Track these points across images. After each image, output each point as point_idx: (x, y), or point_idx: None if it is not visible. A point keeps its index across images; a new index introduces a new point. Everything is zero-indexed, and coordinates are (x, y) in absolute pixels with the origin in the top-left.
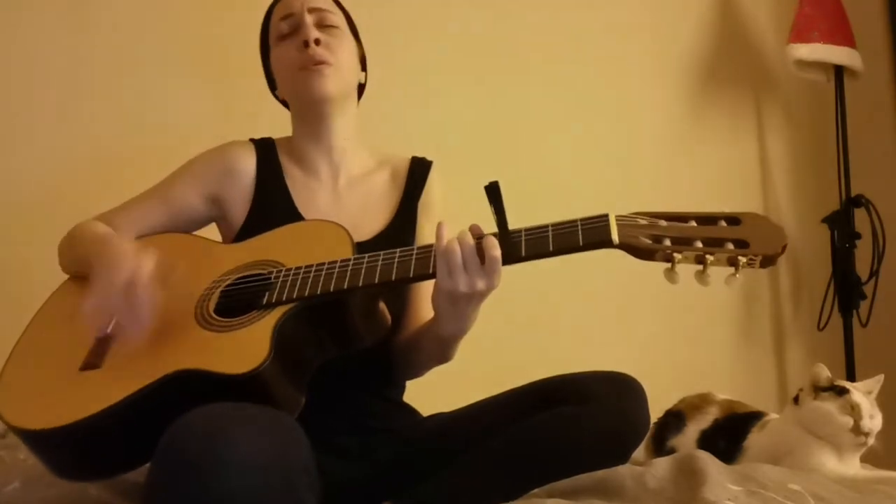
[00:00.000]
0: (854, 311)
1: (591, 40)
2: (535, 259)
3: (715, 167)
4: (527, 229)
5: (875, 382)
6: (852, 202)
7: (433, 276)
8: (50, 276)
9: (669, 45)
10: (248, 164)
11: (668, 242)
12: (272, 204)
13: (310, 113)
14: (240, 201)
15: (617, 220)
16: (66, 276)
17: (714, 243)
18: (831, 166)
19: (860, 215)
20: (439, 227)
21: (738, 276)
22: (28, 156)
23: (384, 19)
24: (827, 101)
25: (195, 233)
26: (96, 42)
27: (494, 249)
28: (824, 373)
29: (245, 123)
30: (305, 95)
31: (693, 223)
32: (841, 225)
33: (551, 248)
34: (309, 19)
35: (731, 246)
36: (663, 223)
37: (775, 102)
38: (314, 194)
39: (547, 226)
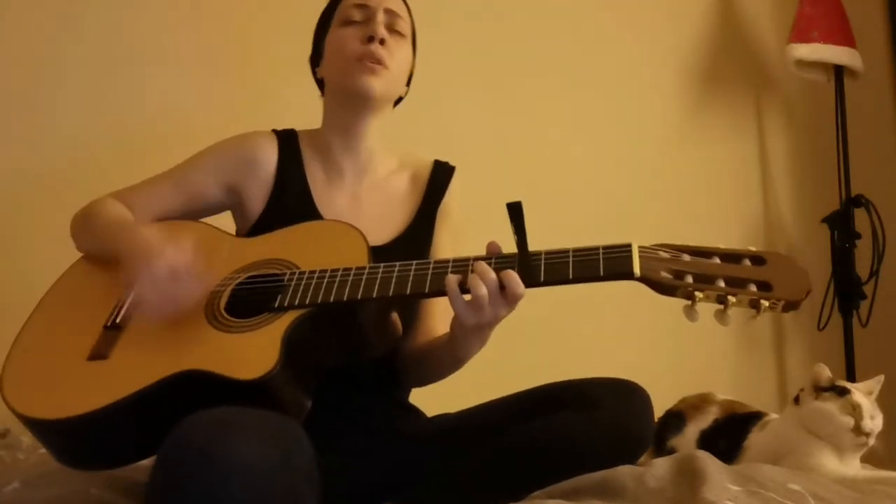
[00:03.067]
0: (854, 311)
1: (592, 40)
2: (553, 285)
3: (715, 167)
4: (547, 253)
5: (875, 383)
6: (852, 202)
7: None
8: (53, 267)
9: (670, 45)
10: (269, 155)
11: (689, 279)
12: (290, 199)
13: (347, 105)
14: (258, 193)
15: (640, 251)
16: (63, 270)
17: (737, 283)
18: (831, 166)
19: (860, 215)
20: (448, 280)
21: (758, 318)
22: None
23: None
24: (827, 101)
25: (209, 219)
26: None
27: (518, 288)
28: (825, 373)
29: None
30: (352, 87)
31: (717, 259)
32: (841, 225)
33: (571, 276)
34: (381, 18)
35: (753, 288)
36: (686, 258)
37: (775, 102)
38: (334, 193)
39: (567, 251)
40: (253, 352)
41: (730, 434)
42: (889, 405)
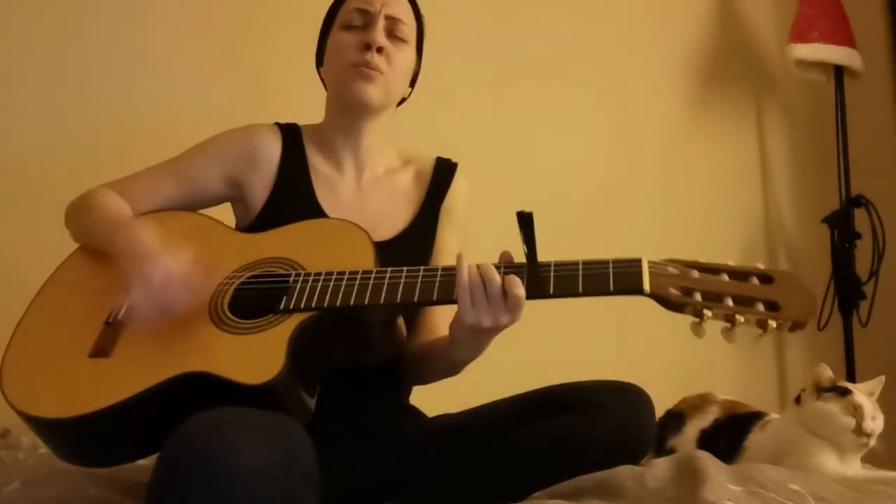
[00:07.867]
0: (854, 311)
1: (592, 40)
2: (562, 297)
3: (715, 167)
4: (557, 264)
5: (876, 383)
6: (852, 202)
7: (455, 302)
8: (48, 260)
9: (670, 45)
10: (273, 149)
11: (698, 297)
12: (293, 194)
13: (345, 108)
14: (260, 187)
15: (650, 267)
16: (60, 257)
17: (745, 302)
18: (831, 166)
19: (860, 215)
20: (459, 258)
21: (764, 337)
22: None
23: None
24: (827, 101)
25: (209, 210)
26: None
27: (517, 288)
28: (827, 373)
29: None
30: (346, 93)
31: (725, 277)
32: (841, 225)
33: (581, 290)
34: (381, 24)
35: (761, 307)
36: (695, 274)
37: (775, 102)
38: (337, 188)
39: (577, 263)
40: (258, 355)
41: (730, 434)
42: (889, 406)
